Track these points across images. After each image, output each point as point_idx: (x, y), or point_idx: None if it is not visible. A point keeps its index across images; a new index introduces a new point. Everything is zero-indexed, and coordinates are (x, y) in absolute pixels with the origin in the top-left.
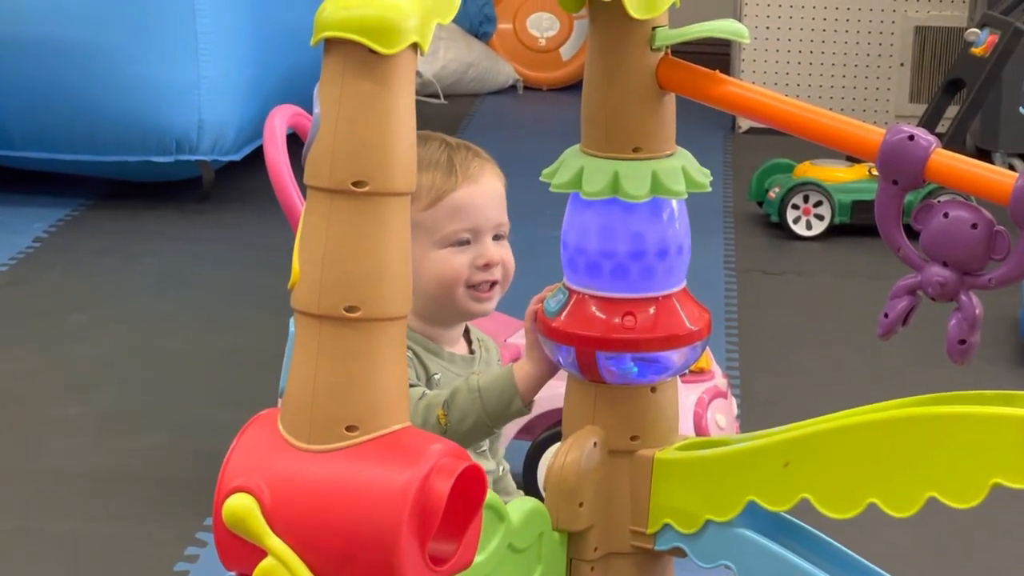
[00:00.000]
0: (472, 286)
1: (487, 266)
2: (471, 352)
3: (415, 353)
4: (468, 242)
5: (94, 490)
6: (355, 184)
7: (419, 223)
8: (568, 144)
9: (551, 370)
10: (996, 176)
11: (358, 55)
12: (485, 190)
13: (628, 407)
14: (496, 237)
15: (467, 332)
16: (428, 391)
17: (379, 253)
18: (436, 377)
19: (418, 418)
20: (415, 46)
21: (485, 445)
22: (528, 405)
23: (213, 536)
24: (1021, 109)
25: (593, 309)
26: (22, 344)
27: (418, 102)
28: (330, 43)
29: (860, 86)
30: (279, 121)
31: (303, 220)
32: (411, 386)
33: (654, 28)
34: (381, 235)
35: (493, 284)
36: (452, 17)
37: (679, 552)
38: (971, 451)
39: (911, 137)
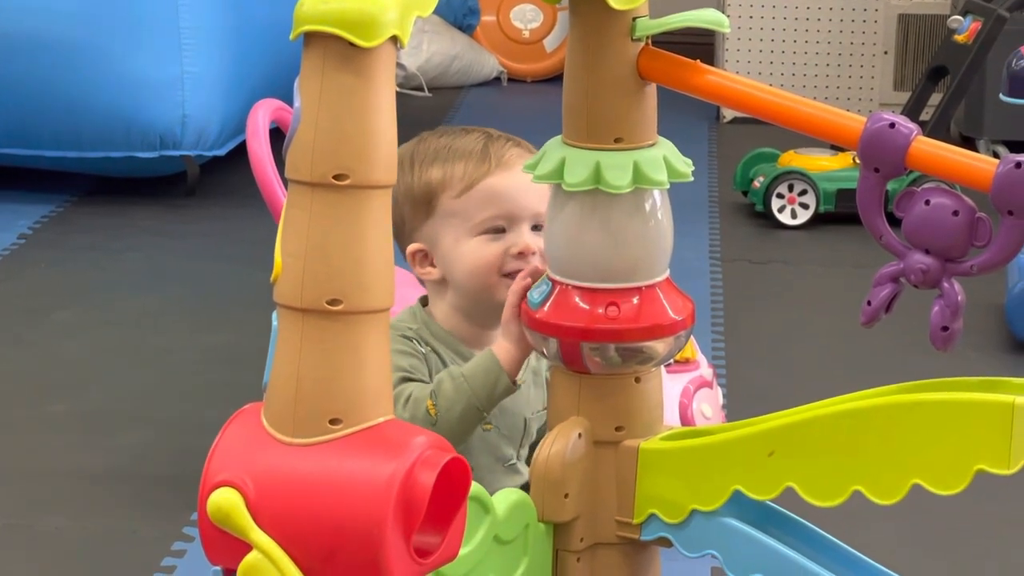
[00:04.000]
0: (507, 274)
1: (522, 255)
2: None
3: (436, 352)
4: (503, 230)
5: (81, 487)
6: (336, 177)
7: (453, 211)
8: (553, 135)
9: (529, 346)
10: (977, 163)
11: (338, 49)
12: (521, 177)
13: (613, 398)
14: (536, 227)
15: None
16: (414, 389)
17: (361, 246)
18: None
19: (406, 413)
20: (395, 39)
21: (514, 458)
22: (515, 383)
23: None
24: (1002, 96)
25: (576, 300)
26: (6, 341)
27: (403, 95)
28: (309, 37)
29: (844, 75)
30: (262, 115)
31: (285, 214)
32: (409, 380)
33: (634, 18)
34: (363, 228)
35: None
36: (431, 10)
37: (665, 542)
38: (954, 438)
39: (892, 125)
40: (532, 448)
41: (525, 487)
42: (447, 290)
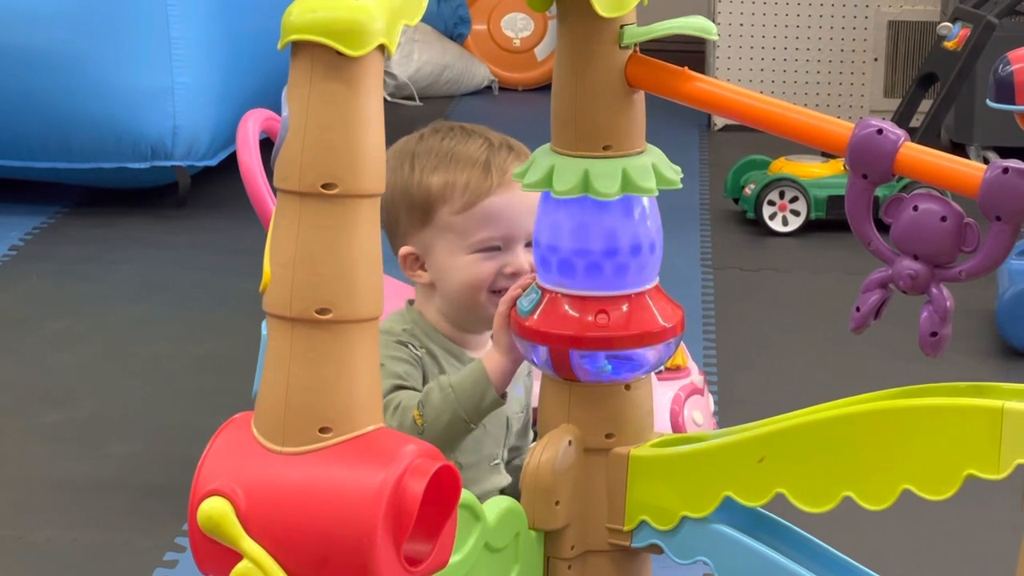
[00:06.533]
0: (496, 291)
1: (515, 275)
2: None
3: (431, 354)
4: (499, 248)
5: (72, 497)
6: (324, 186)
7: (451, 226)
8: (545, 143)
9: (520, 357)
10: (965, 168)
11: (325, 57)
12: (521, 197)
13: (603, 405)
14: (528, 245)
15: None
16: (404, 398)
17: (350, 255)
18: None
19: (394, 421)
20: (382, 48)
21: (498, 458)
22: (503, 396)
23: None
24: (988, 102)
25: (566, 308)
26: None
27: (393, 104)
28: (297, 46)
29: (835, 81)
30: (252, 125)
31: (273, 223)
32: (401, 387)
33: (622, 26)
34: (351, 237)
35: None
36: (419, 18)
37: (656, 549)
38: (944, 443)
39: (879, 131)
40: (511, 451)
41: (507, 490)
42: (435, 295)
